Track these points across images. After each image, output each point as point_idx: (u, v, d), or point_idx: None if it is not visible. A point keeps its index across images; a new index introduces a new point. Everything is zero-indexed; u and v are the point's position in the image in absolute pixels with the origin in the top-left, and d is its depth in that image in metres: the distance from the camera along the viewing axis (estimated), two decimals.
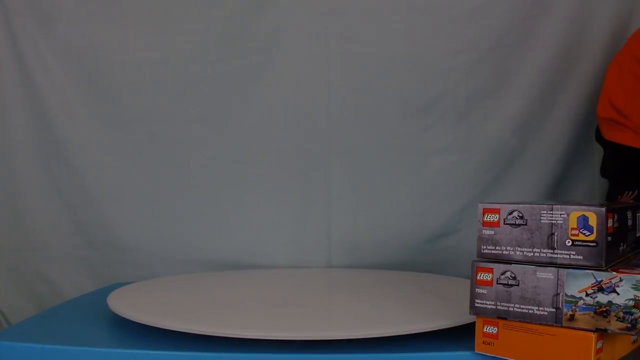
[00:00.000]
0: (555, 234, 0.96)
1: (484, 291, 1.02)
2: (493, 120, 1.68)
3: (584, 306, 0.94)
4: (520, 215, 0.98)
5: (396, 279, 1.59)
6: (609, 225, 0.94)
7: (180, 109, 1.70)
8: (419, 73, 1.68)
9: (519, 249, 0.99)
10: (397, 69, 1.68)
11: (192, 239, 1.72)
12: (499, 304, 1.00)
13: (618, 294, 0.92)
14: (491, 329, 1.03)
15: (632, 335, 0.98)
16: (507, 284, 0.99)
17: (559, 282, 0.95)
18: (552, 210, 0.96)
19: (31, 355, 1.10)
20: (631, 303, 0.91)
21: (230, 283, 1.57)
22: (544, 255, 0.97)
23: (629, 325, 0.91)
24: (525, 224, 0.98)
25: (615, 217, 0.97)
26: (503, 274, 1.00)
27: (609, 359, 0.99)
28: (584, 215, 0.94)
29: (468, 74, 1.67)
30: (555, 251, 0.96)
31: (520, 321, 0.99)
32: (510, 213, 0.99)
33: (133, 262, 1.72)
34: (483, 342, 1.04)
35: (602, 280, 0.93)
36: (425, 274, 1.65)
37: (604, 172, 1.55)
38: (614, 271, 0.92)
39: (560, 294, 0.95)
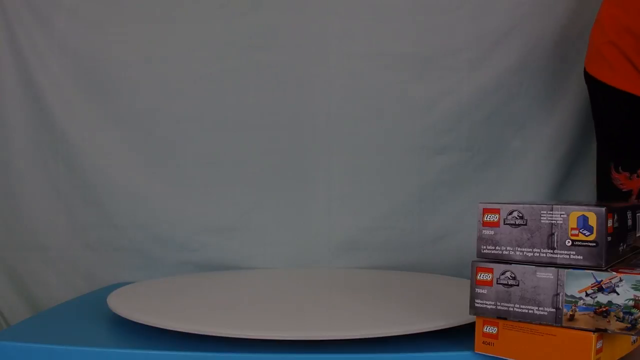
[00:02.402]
0: (555, 234, 0.95)
1: (484, 291, 1.01)
2: (494, 119, 1.68)
3: (583, 306, 0.94)
4: (520, 215, 0.98)
5: (396, 279, 1.59)
6: (608, 225, 0.93)
7: (179, 108, 1.70)
8: (419, 72, 1.68)
9: (518, 249, 0.99)
10: (398, 68, 1.68)
11: (191, 240, 1.72)
12: (498, 304, 1.00)
13: (618, 294, 0.92)
14: (491, 329, 1.03)
15: (632, 335, 0.98)
16: (507, 284, 0.99)
17: (558, 282, 0.95)
18: (552, 210, 0.96)
19: (31, 355, 1.10)
20: (631, 303, 0.91)
21: (230, 283, 1.57)
22: (544, 255, 0.97)
23: (629, 325, 0.91)
24: (525, 224, 0.98)
25: (615, 217, 0.97)
26: (503, 274, 1.00)
27: (608, 359, 0.99)
28: (583, 215, 0.94)
29: (469, 73, 1.67)
30: (555, 251, 0.96)
31: (520, 321, 0.99)
32: (510, 213, 0.99)
33: (131, 264, 1.71)
34: (483, 342, 1.04)
35: (602, 280, 0.93)
36: (425, 274, 1.65)
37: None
38: (614, 271, 0.92)
39: (560, 294, 0.95)
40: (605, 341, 0.96)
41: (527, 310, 0.98)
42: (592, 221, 0.93)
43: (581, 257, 0.94)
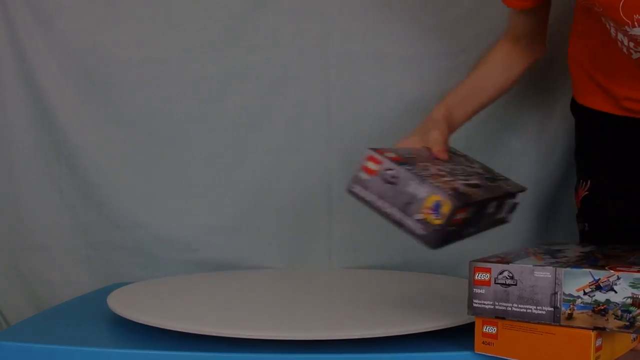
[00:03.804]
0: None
1: (482, 291, 1.02)
2: (494, 120, 1.68)
3: (582, 305, 0.94)
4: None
5: (396, 279, 1.59)
6: (457, 217, 1.00)
7: (179, 108, 1.70)
8: (419, 73, 1.68)
9: None
10: (398, 69, 1.68)
11: (191, 240, 1.72)
12: (497, 303, 1.00)
13: (616, 292, 0.92)
14: (490, 329, 1.03)
15: (631, 333, 0.98)
16: (505, 284, 0.99)
17: (556, 281, 0.95)
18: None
19: (31, 355, 1.10)
20: (629, 301, 0.91)
21: (230, 283, 1.58)
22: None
23: (627, 323, 0.91)
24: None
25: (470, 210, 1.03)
26: (501, 273, 1.00)
27: (608, 357, 0.99)
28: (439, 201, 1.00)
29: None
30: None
31: (519, 321, 1.00)
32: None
33: (133, 263, 1.72)
34: (483, 342, 1.04)
35: (599, 279, 0.93)
36: (425, 274, 1.65)
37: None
38: (612, 269, 0.92)
39: (558, 293, 0.95)
40: (604, 339, 0.96)
41: (525, 310, 0.98)
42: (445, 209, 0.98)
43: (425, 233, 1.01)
